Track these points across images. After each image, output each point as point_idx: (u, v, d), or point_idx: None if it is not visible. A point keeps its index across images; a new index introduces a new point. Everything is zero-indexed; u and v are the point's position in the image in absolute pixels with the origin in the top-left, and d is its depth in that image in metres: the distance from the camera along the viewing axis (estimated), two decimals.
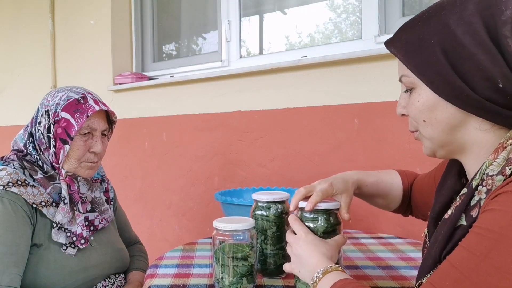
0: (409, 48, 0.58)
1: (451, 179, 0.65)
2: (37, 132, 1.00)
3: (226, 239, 0.79)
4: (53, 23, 2.48)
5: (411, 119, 0.62)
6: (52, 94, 1.02)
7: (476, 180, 0.53)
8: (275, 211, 0.87)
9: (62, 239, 0.95)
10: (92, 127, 1.01)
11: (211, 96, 1.83)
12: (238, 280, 0.78)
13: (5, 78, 2.81)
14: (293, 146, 1.59)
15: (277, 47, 1.87)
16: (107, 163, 2.24)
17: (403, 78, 0.60)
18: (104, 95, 2.23)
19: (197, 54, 2.19)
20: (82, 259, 0.98)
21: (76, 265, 0.96)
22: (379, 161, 1.38)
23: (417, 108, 0.59)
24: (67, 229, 0.96)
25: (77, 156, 0.99)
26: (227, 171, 1.77)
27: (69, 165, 1.00)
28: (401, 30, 0.61)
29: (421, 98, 0.58)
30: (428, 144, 0.62)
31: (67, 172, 1.00)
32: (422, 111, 0.59)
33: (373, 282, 0.85)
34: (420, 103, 0.58)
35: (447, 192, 0.64)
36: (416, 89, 0.59)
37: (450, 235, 0.54)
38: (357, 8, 1.64)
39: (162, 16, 2.29)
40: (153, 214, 2.06)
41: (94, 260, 1.01)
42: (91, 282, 1.00)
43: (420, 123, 0.60)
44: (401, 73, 0.61)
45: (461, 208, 0.54)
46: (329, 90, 1.50)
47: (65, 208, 0.96)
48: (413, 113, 0.60)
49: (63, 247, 0.95)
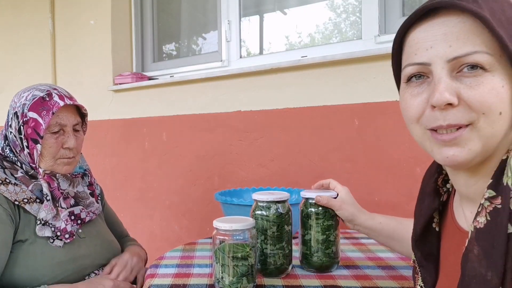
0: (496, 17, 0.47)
1: (428, 199, 0.63)
2: (10, 135, 1.01)
3: (226, 239, 0.79)
4: (53, 23, 2.48)
5: (465, 109, 0.48)
6: (19, 95, 1.02)
7: (509, 178, 0.47)
8: (275, 211, 0.87)
9: (48, 233, 0.96)
10: (61, 123, 1.01)
11: (211, 96, 1.83)
12: (238, 279, 0.78)
13: (5, 78, 2.80)
14: (293, 146, 1.59)
15: (277, 47, 1.87)
16: (107, 163, 2.24)
17: (477, 55, 0.47)
18: (104, 95, 2.24)
19: (197, 54, 2.19)
20: (70, 250, 0.99)
21: (64, 255, 0.97)
22: (379, 161, 1.38)
23: (500, 95, 0.47)
24: (51, 224, 0.97)
25: (51, 154, 1.00)
26: (227, 171, 1.77)
27: (45, 164, 1.01)
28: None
29: (505, 83, 0.47)
30: (477, 147, 0.49)
31: (44, 170, 1.00)
32: (503, 100, 0.47)
33: (373, 282, 0.85)
34: (504, 90, 0.47)
35: (425, 212, 0.62)
36: (492, 72, 0.47)
37: (506, 248, 0.45)
38: (357, 8, 1.64)
39: (162, 16, 2.29)
40: (153, 214, 2.06)
41: (83, 251, 1.02)
42: (82, 272, 1.00)
43: (491, 115, 0.47)
44: (470, 48, 0.47)
45: (506, 213, 0.46)
46: (329, 90, 1.50)
47: (48, 205, 0.97)
48: (488, 100, 0.47)
49: (50, 240, 0.96)
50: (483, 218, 0.48)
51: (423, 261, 0.62)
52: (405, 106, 0.55)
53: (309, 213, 0.91)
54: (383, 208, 1.37)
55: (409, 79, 0.54)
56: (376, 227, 0.87)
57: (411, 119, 0.54)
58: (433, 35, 0.50)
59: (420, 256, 0.63)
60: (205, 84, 1.85)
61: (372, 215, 0.89)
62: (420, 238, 0.62)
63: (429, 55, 0.50)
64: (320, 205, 0.90)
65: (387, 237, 0.87)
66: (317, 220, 0.90)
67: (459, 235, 0.57)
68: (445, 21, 0.49)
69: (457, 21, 0.49)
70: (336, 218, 0.92)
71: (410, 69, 0.53)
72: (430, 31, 0.50)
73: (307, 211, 0.92)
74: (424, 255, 0.62)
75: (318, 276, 0.89)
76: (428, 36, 0.50)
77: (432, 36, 0.50)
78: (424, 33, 0.51)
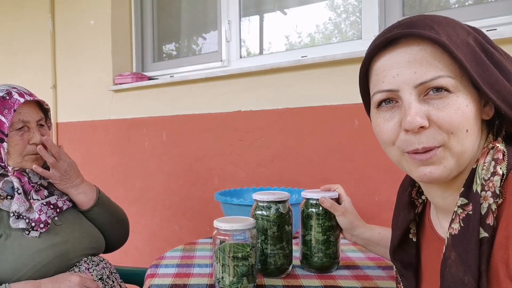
0: (452, 40, 0.50)
1: (403, 211, 0.65)
2: None
3: (226, 238, 0.79)
4: (53, 23, 2.48)
5: (435, 131, 0.51)
6: None
7: (478, 185, 0.50)
8: (275, 211, 0.87)
9: (22, 225, 0.97)
10: (24, 120, 1.03)
11: (211, 96, 1.83)
12: (238, 279, 0.78)
13: (5, 78, 2.80)
14: (293, 146, 1.59)
15: (277, 47, 1.87)
16: (107, 163, 2.24)
17: (441, 80, 0.50)
18: (104, 95, 2.24)
19: (197, 54, 2.19)
20: (47, 237, 1.00)
21: (42, 243, 0.98)
22: (379, 161, 1.38)
23: (465, 114, 0.50)
24: (25, 217, 0.98)
25: (18, 151, 1.02)
26: (227, 171, 1.77)
27: (14, 161, 1.03)
28: (425, 22, 0.52)
29: (469, 102, 0.51)
30: (451, 164, 0.52)
31: (13, 168, 1.02)
32: (468, 118, 0.50)
33: (373, 282, 0.85)
34: (469, 108, 0.50)
35: (401, 224, 0.65)
36: (456, 93, 0.51)
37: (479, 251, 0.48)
38: (357, 8, 1.64)
39: (162, 16, 2.29)
40: (153, 214, 2.06)
41: (61, 237, 1.03)
42: (64, 257, 1.01)
43: (459, 133, 0.51)
44: (434, 73, 0.50)
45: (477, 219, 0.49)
46: (329, 90, 1.50)
47: (20, 198, 0.99)
48: (455, 120, 0.50)
49: (25, 232, 0.97)
50: (457, 225, 0.51)
51: (402, 270, 0.65)
52: (380, 131, 0.58)
53: (310, 214, 0.91)
54: (383, 208, 1.37)
55: (379, 105, 0.57)
56: (375, 237, 0.88)
57: (387, 143, 0.57)
58: (397, 63, 0.53)
59: (400, 266, 0.65)
60: (205, 84, 1.85)
61: (371, 226, 0.91)
62: (397, 249, 0.65)
63: (396, 82, 0.53)
64: (323, 207, 0.90)
65: (386, 247, 0.87)
66: (318, 220, 0.90)
67: (438, 243, 0.60)
68: (407, 49, 0.52)
69: (418, 49, 0.52)
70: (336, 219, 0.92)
71: (380, 95, 0.56)
72: (394, 59, 0.53)
73: (308, 211, 0.92)
74: (403, 265, 0.65)
75: (318, 276, 0.89)
76: (393, 64, 0.53)
77: (397, 64, 0.53)
78: (389, 61, 0.54)
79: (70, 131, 2.42)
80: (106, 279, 1.07)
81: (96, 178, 2.30)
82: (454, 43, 0.50)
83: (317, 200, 0.90)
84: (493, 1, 1.33)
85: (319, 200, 0.90)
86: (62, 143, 2.45)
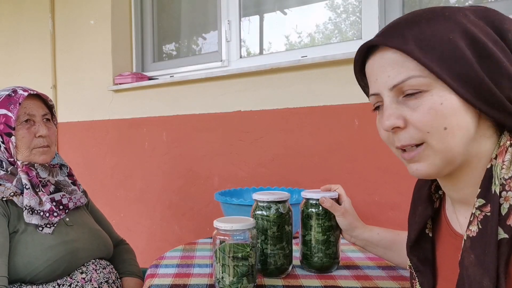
0: (423, 44, 0.51)
1: (421, 205, 0.65)
2: None
3: (226, 239, 0.79)
4: (53, 23, 2.48)
5: (413, 130, 0.53)
6: None
7: (496, 186, 0.49)
8: (275, 211, 0.87)
9: (35, 220, 1.00)
10: (29, 113, 1.07)
11: (211, 96, 1.83)
12: (238, 280, 0.78)
13: (5, 78, 2.80)
14: (293, 146, 1.59)
15: (277, 47, 1.87)
16: (107, 163, 2.24)
17: (412, 80, 0.52)
18: (104, 95, 2.24)
19: (197, 54, 2.19)
20: (59, 235, 1.03)
21: (54, 240, 1.01)
22: (379, 161, 1.38)
23: (439, 112, 0.50)
24: (39, 210, 1.01)
25: (26, 144, 1.05)
26: (227, 171, 1.77)
27: (22, 155, 1.06)
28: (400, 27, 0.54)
29: (444, 100, 0.50)
30: (436, 161, 0.53)
31: (22, 162, 1.05)
32: (445, 116, 0.50)
33: (373, 282, 0.85)
34: (443, 106, 0.50)
35: (419, 219, 0.64)
36: (430, 91, 0.51)
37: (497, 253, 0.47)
38: (357, 8, 1.64)
39: (162, 16, 2.29)
40: (153, 214, 2.06)
41: (72, 236, 1.06)
42: (75, 255, 1.03)
43: (436, 132, 0.51)
44: (405, 75, 0.52)
45: (495, 220, 0.48)
46: (329, 90, 1.50)
47: (28, 192, 1.01)
48: (429, 120, 0.51)
49: (39, 228, 1.00)
50: (475, 227, 0.51)
51: (419, 265, 0.64)
52: (378, 130, 0.62)
53: (310, 214, 0.91)
54: (383, 208, 1.37)
55: (375, 106, 0.61)
56: (374, 238, 0.88)
57: (385, 141, 0.61)
58: (376, 68, 0.57)
59: (416, 261, 0.65)
60: (205, 84, 1.85)
61: (370, 227, 0.90)
62: (414, 244, 0.64)
63: (377, 86, 0.57)
64: (323, 207, 0.90)
65: (385, 248, 0.87)
66: (318, 220, 0.90)
67: (454, 239, 0.59)
68: (382, 54, 0.55)
69: (390, 54, 0.54)
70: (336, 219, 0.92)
71: (371, 99, 0.61)
72: (374, 65, 0.57)
73: (308, 211, 0.92)
74: (419, 260, 0.64)
75: (318, 276, 0.89)
76: (373, 70, 0.58)
77: (376, 69, 0.57)
78: (370, 68, 0.59)
79: (70, 131, 2.42)
80: (111, 283, 1.08)
81: (96, 178, 2.30)
82: (425, 45, 0.51)
83: (317, 200, 0.90)
84: (493, 1, 1.32)
85: (319, 200, 0.90)
86: (62, 143, 2.45)
